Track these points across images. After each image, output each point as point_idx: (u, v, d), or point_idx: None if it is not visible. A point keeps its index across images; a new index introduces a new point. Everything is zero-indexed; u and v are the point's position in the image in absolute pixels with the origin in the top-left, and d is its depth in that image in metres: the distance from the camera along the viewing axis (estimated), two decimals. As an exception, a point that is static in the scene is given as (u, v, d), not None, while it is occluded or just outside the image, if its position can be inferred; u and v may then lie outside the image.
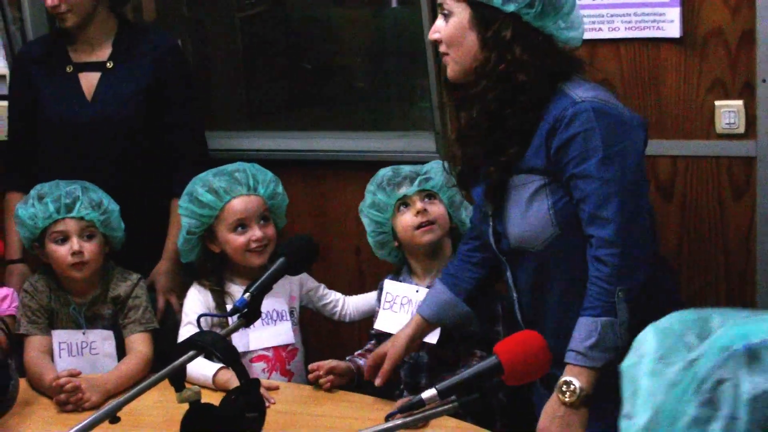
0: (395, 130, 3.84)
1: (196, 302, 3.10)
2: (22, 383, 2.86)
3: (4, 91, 4.06)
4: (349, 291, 3.39)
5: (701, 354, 1.21)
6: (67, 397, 2.86)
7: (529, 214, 2.50)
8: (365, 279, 3.79)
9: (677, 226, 3.37)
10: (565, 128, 2.41)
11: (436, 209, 3.01)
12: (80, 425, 2.04)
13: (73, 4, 3.33)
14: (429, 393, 2.03)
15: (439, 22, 2.55)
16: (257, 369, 3.05)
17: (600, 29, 3.33)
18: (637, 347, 1.30)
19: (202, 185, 3.10)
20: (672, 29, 3.21)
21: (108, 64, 3.45)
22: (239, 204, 3.08)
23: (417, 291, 3.01)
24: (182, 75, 3.52)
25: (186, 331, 3.03)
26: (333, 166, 3.70)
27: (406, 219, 3.01)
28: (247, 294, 2.31)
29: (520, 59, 2.45)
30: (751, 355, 1.16)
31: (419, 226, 2.98)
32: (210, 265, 3.15)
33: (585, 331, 2.35)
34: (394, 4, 4.05)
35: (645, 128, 2.56)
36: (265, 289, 2.36)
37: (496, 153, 2.52)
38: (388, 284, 3.10)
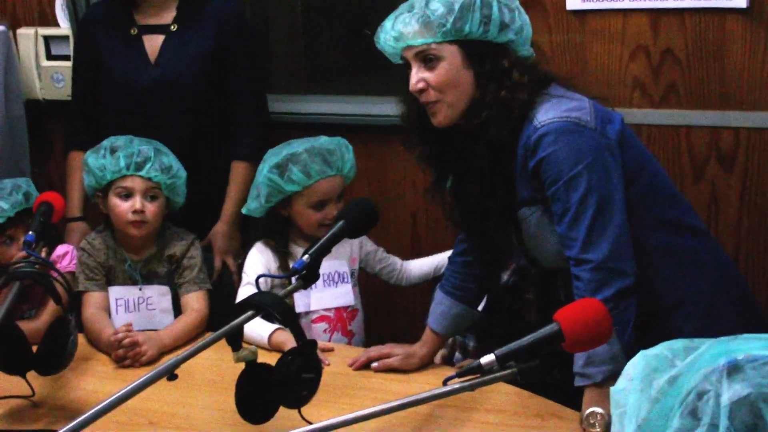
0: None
1: (258, 262, 3.11)
2: (81, 339, 2.89)
3: (68, 51, 4.11)
4: (404, 256, 3.39)
5: (684, 370, 1.23)
6: (125, 352, 2.89)
7: (544, 242, 2.53)
8: (421, 244, 3.79)
9: (737, 200, 3.34)
10: (531, 156, 2.44)
11: None
12: (138, 381, 2.06)
13: None
14: (488, 358, 2.02)
15: (421, 72, 2.49)
16: (318, 329, 3.06)
17: (665, -1, 3.29)
18: (627, 372, 1.32)
19: (294, 162, 3.05)
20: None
21: (172, 27, 3.47)
22: (325, 185, 3.09)
23: None
24: (245, 39, 3.53)
25: (245, 290, 3.04)
26: (390, 131, 3.70)
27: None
28: (306, 256, 2.31)
29: (519, 82, 2.46)
30: (733, 369, 1.18)
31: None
32: (276, 226, 3.15)
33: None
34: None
35: (621, 124, 2.53)
36: (324, 251, 2.36)
37: (489, 196, 2.55)
38: None
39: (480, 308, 2.94)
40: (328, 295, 3.08)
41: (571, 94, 2.53)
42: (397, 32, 2.50)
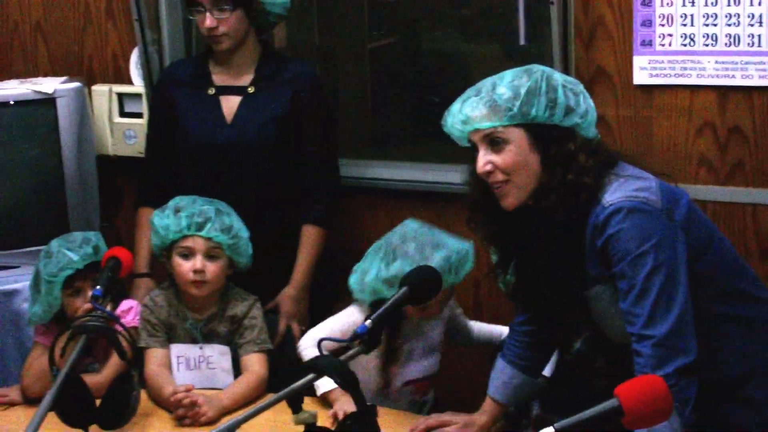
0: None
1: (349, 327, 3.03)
2: (143, 395, 2.92)
3: (141, 109, 4.20)
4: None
5: None
6: (185, 412, 2.91)
7: (617, 318, 2.51)
8: (482, 311, 3.77)
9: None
10: (599, 235, 2.46)
11: None
12: (200, 440, 2.08)
13: (230, 28, 3.43)
14: (547, 431, 2.01)
15: (488, 155, 2.52)
16: (406, 392, 3.05)
17: (732, 76, 3.30)
18: None
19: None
20: (808, 79, 3.18)
21: (249, 89, 3.53)
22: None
23: None
24: (320, 105, 3.57)
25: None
26: (454, 198, 3.71)
27: None
28: (369, 321, 2.32)
29: (585, 165, 2.49)
30: None
31: None
32: None
33: None
34: (522, 41, 4.04)
35: (687, 202, 2.55)
36: (386, 317, 2.37)
37: (557, 277, 2.57)
38: None
39: (548, 372, 2.93)
40: (422, 366, 3.07)
41: (638, 172, 2.55)
42: (464, 116, 2.54)
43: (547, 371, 2.93)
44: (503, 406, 2.84)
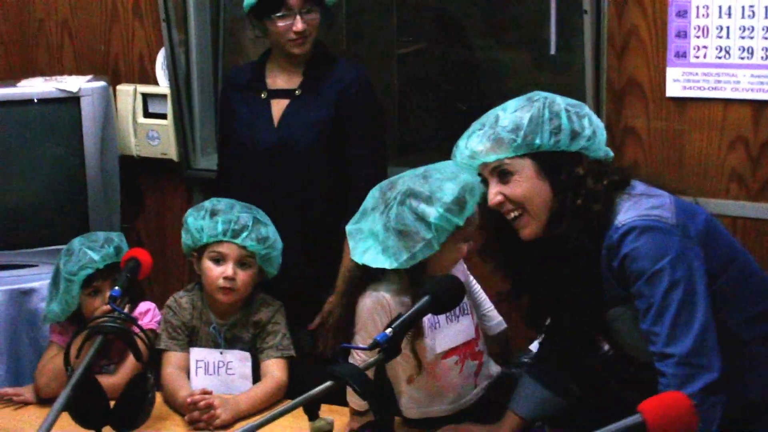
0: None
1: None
2: (158, 397, 2.89)
3: (165, 110, 4.18)
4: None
5: None
6: (200, 415, 2.89)
7: (641, 340, 2.48)
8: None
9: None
10: (614, 255, 2.45)
11: None
12: (213, 445, 2.05)
13: (315, 29, 3.44)
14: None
15: (498, 186, 2.53)
16: (450, 363, 2.95)
17: (768, 90, 3.25)
18: None
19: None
20: None
21: (296, 92, 3.51)
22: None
23: None
24: (367, 108, 3.54)
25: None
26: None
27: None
28: (389, 330, 2.29)
29: (594, 189, 2.48)
30: None
31: None
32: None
33: None
34: (552, 50, 4.00)
35: (705, 218, 2.52)
36: (408, 326, 2.34)
37: (575, 301, 2.56)
38: None
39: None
40: (453, 332, 2.91)
41: (652, 190, 2.53)
42: (470, 150, 2.56)
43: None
44: (523, 421, 2.79)
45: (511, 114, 2.52)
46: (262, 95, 3.54)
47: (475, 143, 2.54)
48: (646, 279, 2.39)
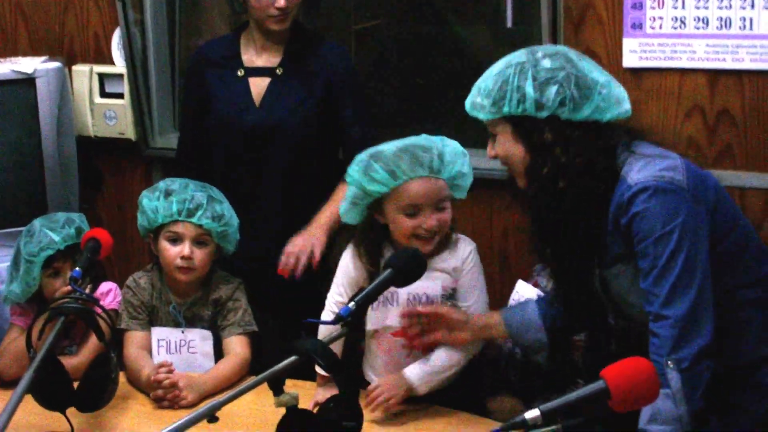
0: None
1: (348, 273, 2.97)
2: (121, 377, 2.89)
3: (122, 89, 4.16)
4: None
5: None
6: (164, 393, 2.89)
7: (638, 299, 2.52)
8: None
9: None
10: (624, 213, 2.47)
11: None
12: (179, 422, 2.07)
13: (296, 4, 3.37)
14: (532, 413, 1.98)
15: (491, 143, 2.62)
16: (397, 343, 2.92)
17: (723, 59, 3.27)
18: None
19: (377, 159, 2.82)
20: (799, 62, 3.15)
21: (277, 71, 3.46)
22: (416, 187, 2.80)
23: None
24: (352, 81, 3.52)
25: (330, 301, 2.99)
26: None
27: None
28: (352, 303, 2.30)
29: (560, 162, 2.50)
30: None
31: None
32: (371, 234, 2.93)
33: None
34: (509, 24, 4.00)
35: (714, 184, 2.57)
36: (370, 299, 2.35)
37: (567, 256, 2.61)
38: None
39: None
40: (392, 315, 2.92)
41: (664, 152, 2.55)
42: (468, 103, 2.63)
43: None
44: (501, 326, 2.86)
45: (492, 76, 2.57)
46: (239, 72, 3.49)
47: (468, 101, 2.63)
48: (654, 239, 2.42)
